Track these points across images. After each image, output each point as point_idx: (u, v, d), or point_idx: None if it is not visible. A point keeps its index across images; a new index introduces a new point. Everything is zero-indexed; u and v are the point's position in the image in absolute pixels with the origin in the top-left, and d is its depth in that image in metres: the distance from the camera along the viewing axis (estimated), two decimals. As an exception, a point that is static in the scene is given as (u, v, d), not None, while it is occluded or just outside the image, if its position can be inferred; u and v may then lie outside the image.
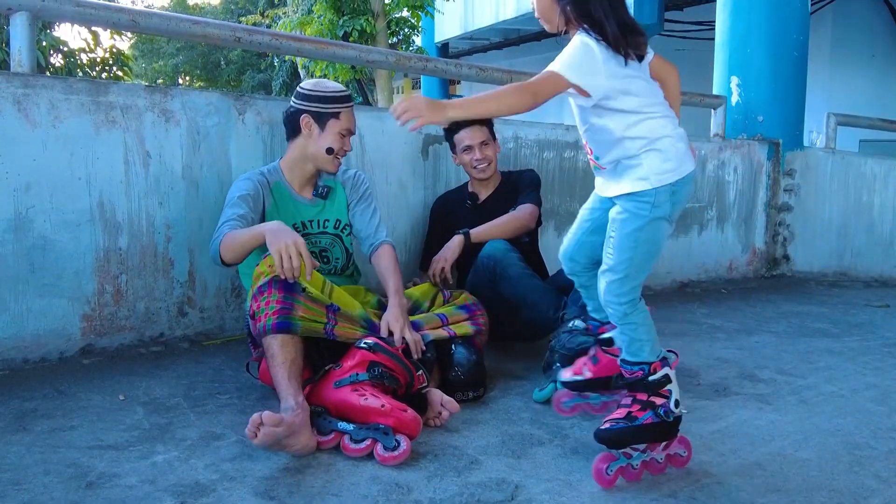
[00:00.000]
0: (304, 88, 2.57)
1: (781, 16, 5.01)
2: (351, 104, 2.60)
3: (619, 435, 1.81)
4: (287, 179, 2.62)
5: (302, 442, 1.84)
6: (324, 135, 2.55)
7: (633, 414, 1.83)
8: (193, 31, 3.06)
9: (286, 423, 1.79)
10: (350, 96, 2.62)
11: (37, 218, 2.49)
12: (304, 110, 2.55)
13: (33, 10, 2.60)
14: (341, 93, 2.58)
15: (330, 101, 2.55)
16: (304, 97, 2.55)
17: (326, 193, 2.66)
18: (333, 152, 2.57)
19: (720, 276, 4.88)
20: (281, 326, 2.04)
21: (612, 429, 1.82)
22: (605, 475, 1.77)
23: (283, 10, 14.64)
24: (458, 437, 2.05)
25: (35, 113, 2.48)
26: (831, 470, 1.91)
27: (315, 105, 2.54)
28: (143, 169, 2.70)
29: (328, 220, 2.67)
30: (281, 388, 1.97)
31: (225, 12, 25.81)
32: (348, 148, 2.62)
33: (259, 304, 2.09)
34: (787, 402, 2.44)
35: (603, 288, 1.86)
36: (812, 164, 5.20)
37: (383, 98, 12.02)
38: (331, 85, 2.58)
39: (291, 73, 19.51)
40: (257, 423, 1.73)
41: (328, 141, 2.56)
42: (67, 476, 1.73)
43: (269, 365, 2.04)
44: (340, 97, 2.57)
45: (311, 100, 2.54)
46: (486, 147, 3.03)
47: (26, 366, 2.50)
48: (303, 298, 2.11)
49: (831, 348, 3.20)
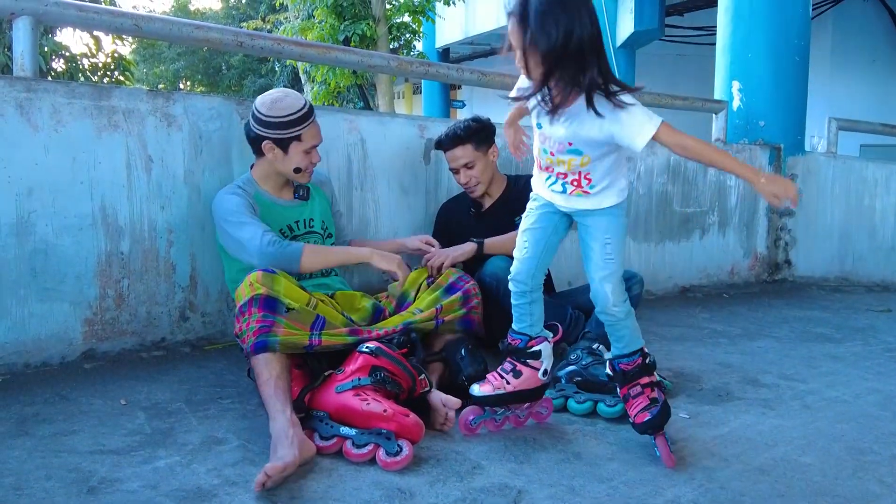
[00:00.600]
0: (260, 113, 2.49)
1: (782, 20, 5.01)
2: (311, 119, 2.53)
3: (663, 417, 1.97)
4: (263, 189, 2.63)
5: (303, 456, 1.83)
6: (288, 157, 2.54)
7: (655, 397, 2.00)
8: (196, 35, 3.06)
9: (290, 464, 1.75)
10: (309, 109, 2.53)
11: (39, 222, 2.49)
12: (264, 137, 2.51)
13: (36, 14, 2.60)
14: (299, 112, 2.49)
15: (288, 125, 2.48)
16: (262, 123, 2.49)
17: (306, 194, 2.69)
18: (301, 171, 2.58)
19: (722, 281, 4.88)
20: (259, 346, 2.05)
21: (653, 418, 1.96)
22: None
23: (285, 16, 14.65)
24: (460, 442, 2.05)
25: (37, 117, 2.48)
26: (835, 475, 1.91)
27: (275, 132, 2.49)
28: (145, 173, 2.70)
29: (313, 219, 2.71)
30: (268, 405, 1.97)
31: (226, 17, 25.87)
32: (316, 160, 2.59)
33: (241, 326, 2.12)
34: (790, 407, 2.44)
35: (609, 292, 1.96)
36: (813, 169, 5.20)
37: (384, 103, 12.03)
38: (287, 103, 2.49)
39: (293, 78, 19.55)
40: (263, 480, 1.68)
41: (294, 162, 2.54)
42: (69, 481, 1.73)
43: (257, 383, 2.05)
44: (299, 118, 2.49)
45: (269, 127, 2.48)
46: (470, 169, 2.95)
47: (28, 370, 2.50)
48: (286, 318, 2.12)
49: (834, 353, 3.19)
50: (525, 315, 2.10)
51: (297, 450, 1.80)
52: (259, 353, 2.05)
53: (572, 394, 2.35)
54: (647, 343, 2.05)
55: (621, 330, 2.01)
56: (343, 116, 3.24)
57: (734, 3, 5.12)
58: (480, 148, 2.96)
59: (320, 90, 12.50)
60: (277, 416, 1.91)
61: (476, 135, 2.95)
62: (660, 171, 4.48)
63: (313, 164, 2.59)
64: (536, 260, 2.05)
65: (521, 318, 2.10)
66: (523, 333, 2.11)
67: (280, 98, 2.51)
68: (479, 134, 2.96)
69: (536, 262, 2.05)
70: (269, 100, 2.51)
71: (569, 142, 1.88)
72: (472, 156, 2.94)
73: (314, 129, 2.55)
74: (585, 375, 2.41)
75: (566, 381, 2.42)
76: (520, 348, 2.11)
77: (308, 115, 2.52)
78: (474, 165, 2.95)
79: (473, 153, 2.94)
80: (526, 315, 2.10)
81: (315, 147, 2.57)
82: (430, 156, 3.48)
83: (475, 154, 2.95)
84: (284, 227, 2.63)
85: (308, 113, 2.52)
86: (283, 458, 1.75)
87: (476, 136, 2.95)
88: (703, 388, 2.61)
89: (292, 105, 2.49)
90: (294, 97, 2.53)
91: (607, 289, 1.96)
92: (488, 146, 2.99)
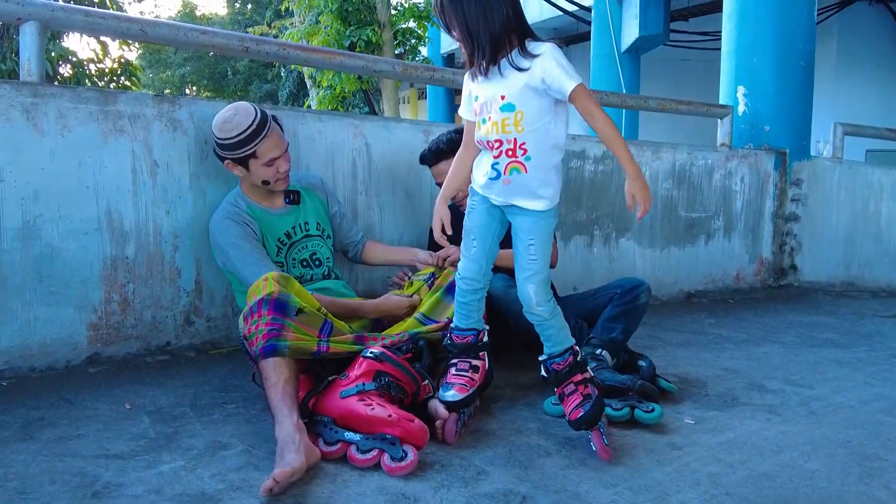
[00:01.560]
0: (215, 135, 2.50)
1: (788, 25, 5.01)
2: (263, 133, 2.46)
3: (596, 413, 2.02)
4: (254, 201, 2.65)
5: (313, 461, 1.83)
6: (251, 173, 2.54)
7: (588, 393, 2.05)
8: (202, 40, 3.08)
9: (298, 470, 1.75)
10: (260, 124, 2.47)
11: (44, 226, 2.50)
12: (223, 157, 2.53)
13: (43, 19, 2.62)
14: (247, 129, 2.44)
15: (239, 145, 2.46)
16: (218, 145, 2.51)
17: (297, 197, 2.73)
18: (270, 183, 2.57)
19: (727, 286, 4.86)
20: (268, 350, 2.04)
21: (586, 414, 2.01)
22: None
23: (290, 21, 14.70)
24: (465, 447, 2.04)
25: (43, 122, 2.49)
26: (841, 481, 1.90)
27: (230, 153, 2.50)
28: (150, 178, 2.71)
29: (307, 222, 2.73)
30: (275, 409, 1.97)
31: (232, 23, 25.98)
32: (284, 168, 2.56)
33: (250, 328, 2.10)
34: (796, 413, 2.43)
35: (532, 292, 2.04)
36: (819, 174, 5.19)
37: (389, 108, 12.05)
38: (235, 123, 2.45)
39: (298, 84, 19.59)
40: (271, 486, 1.67)
41: (259, 176, 2.55)
42: (73, 485, 1.73)
43: (265, 386, 2.04)
44: (248, 135, 2.45)
45: (224, 148, 2.50)
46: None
47: (33, 374, 2.50)
48: (295, 322, 2.11)
49: (840, 359, 3.18)
50: (474, 311, 2.18)
51: (304, 455, 1.79)
52: (269, 357, 2.04)
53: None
54: (653, 348, 2.06)
55: (548, 330, 2.08)
56: (348, 122, 3.25)
57: (739, 8, 5.12)
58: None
59: (325, 95, 12.53)
60: (284, 421, 1.91)
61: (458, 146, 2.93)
62: (665, 177, 4.48)
63: (281, 172, 2.56)
64: (486, 257, 2.13)
65: (470, 314, 2.18)
66: (472, 329, 2.19)
67: (229, 119, 2.48)
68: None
69: (486, 258, 2.13)
70: (220, 120, 2.49)
71: (501, 95, 1.95)
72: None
73: (269, 142, 2.49)
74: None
75: None
76: (473, 343, 2.20)
77: (258, 131, 2.46)
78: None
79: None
80: (475, 311, 2.18)
81: (277, 158, 2.52)
82: (435, 160, 3.48)
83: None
84: (282, 235, 2.65)
85: (258, 129, 2.46)
86: (290, 463, 1.75)
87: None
88: (709, 394, 2.60)
89: (240, 124, 2.45)
90: (243, 114, 2.48)
91: (530, 289, 2.04)
92: None
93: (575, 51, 14.52)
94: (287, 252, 2.65)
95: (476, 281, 2.13)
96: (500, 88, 1.96)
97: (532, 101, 1.94)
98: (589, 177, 4.10)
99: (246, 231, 2.54)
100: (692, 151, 4.64)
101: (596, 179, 4.15)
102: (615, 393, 2.35)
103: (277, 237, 2.64)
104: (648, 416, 2.25)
